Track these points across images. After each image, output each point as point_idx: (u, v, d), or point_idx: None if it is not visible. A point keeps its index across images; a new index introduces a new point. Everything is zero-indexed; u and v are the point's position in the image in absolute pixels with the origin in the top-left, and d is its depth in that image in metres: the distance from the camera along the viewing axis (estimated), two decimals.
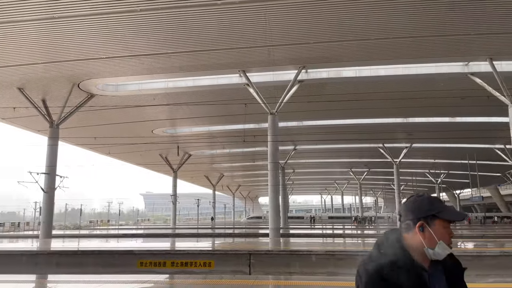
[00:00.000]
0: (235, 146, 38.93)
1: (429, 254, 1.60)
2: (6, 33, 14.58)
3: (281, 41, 16.06)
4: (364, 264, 1.63)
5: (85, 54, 16.83)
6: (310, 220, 61.41)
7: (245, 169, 56.45)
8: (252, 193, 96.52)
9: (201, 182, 66.79)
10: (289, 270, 12.19)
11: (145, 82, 21.48)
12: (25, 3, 12.59)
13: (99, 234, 33.15)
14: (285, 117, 24.79)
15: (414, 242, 1.62)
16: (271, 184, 20.75)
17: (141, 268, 12.56)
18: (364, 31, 15.25)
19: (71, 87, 20.08)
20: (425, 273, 1.59)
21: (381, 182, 69.17)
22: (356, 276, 1.64)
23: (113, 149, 35.70)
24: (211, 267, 12.51)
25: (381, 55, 17.75)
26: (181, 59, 17.70)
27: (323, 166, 55.15)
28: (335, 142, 37.19)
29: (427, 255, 1.61)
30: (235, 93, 22.05)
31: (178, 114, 27.57)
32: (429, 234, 1.60)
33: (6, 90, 20.32)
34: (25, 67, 17.80)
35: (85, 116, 24.55)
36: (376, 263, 1.60)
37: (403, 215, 1.69)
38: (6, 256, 14.05)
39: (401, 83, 21.12)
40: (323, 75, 20.58)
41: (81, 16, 13.54)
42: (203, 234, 31.94)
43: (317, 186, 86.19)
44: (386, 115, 28.69)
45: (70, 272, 12.47)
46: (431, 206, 1.64)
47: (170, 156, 41.97)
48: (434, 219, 1.62)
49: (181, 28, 14.64)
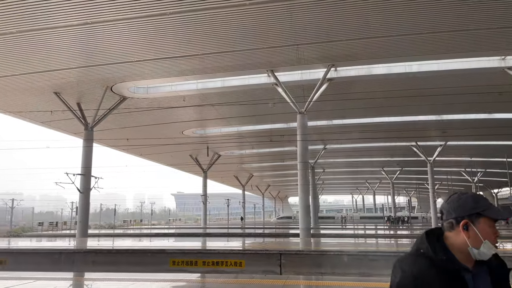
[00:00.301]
0: (264, 146, 38.95)
1: (474, 254, 1.53)
2: (42, 40, 15.15)
3: (310, 39, 15.91)
4: (400, 262, 1.59)
5: (117, 58, 17.27)
6: (341, 220, 60.60)
7: (275, 169, 56.40)
8: (281, 193, 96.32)
9: (231, 182, 67.25)
10: (320, 270, 12.06)
11: (175, 84, 21.82)
12: (60, 10, 13.03)
13: (133, 233, 33.94)
14: (314, 116, 24.58)
15: (457, 241, 1.56)
16: (301, 184, 20.61)
17: (173, 267, 12.75)
18: (395, 27, 14.89)
19: (104, 90, 20.67)
20: (468, 274, 1.52)
21: (414, 182, 67.48)
22: (391, 275, 1.59)
23: (144, 150, 36.49)
24: (242, 266, 12.54)
25: (413, 51, 17.27)
26: (210, 60, 17.85)
27: (353, 166, 54.34)
28: (366, 141, 36.53)
29: (472, 255, 1.53)
30: (263, 93, 22.05)
31: (207, 115, 27.85)
32: (474, 233, 1.53)
33: (43, 95, 21.13)
34: (60, 72, 18.44)
35: (118, 118, 25.22)
36: (413, 262, 1.55)
37: (445, 214, 1.62)
38: (45, 254, 14.61)
39: (435, 79, 20.49)
40: (352, 73, 20.23)
41: (113, 21, 13.89)
42: (234, 234, 32.12)
43: (348, 185, 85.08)
44: (419, 113, 27.94)
45: (105, 270, 12.81)
46: (476, 204, 1.57)
47: (200, 157, 42.48)
48: (479, 217, 1.55)
49: (210, 29, 14.76)
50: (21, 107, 22.67)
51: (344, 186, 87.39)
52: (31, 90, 20.39)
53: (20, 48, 15.71)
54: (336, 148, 40.05)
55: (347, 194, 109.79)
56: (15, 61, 17.00)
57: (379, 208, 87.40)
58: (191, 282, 9.35)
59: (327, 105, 23.08)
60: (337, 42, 16.17)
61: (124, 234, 33.23)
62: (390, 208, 71.15)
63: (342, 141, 37.16)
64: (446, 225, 1.61)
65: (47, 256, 14.46)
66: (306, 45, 16.34)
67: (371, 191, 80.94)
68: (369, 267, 11.24)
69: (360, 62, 18.94)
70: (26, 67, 17.66)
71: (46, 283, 8.72)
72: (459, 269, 1.51)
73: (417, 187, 73.62)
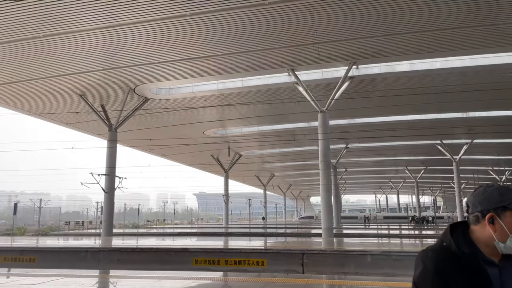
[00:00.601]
0: (285, 145, 38.83)
1: (500, 248, 1.49)
2: (67, 43, 15.53)
3: (330, 37, 15.77)
4: (422, 255, 1.56)
5: (139, 59, 17.54)
6: (364, 220, 59.83)
7: (296, 168, 56.17)
8: (303, 192, 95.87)
9: (252, 182, 67.37)
10: (343, 270, 11.94)
11: (196, 84, 22.00)
12: (84, 15, 13.33)
13: (156, 232, 34.41)
14: (336, 114, 24.36)
15: (483, 235, 1.52)
16: (323, 183, 20.45)
17: (196, 266, 12.87)
18: (418, 23, 14.59)
19: (127, 92, 21.03)
20: (494, 268, 1.48)
21: (439, 181, 66.01)
22: (414, 267, 1.57)
23: (167, 150, 36.94)
24: (264, 266, 12.55)
25: (437, 47, 16.89)
26: (231, 61, 17.93)
27: (376, 165, 53.57)
28: (389, 140, 36.00)
29: (498, 249, 1.49)
30: (284, 92, 22.00)
31: (228, 115, 27.99)
32: (500, 227, 1.48)
33: (68, 97, 21.67)
34: (85, 74, 18.87)
35: (141, 119, 25.63)
36: (435, 256, 1.52)
37: (471, 207, 1.58)
38: (72, 253, 14.99)
39: (460, 75, 20.00)
40: (375, 70, 19.94)
41: (134, 23, 14.11)
42: (255, 234, 32.16)
43: (370, 185, 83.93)
44: (443, 110, 27.33)
45: (130, 268, 13.04)
46: (502, 197, 1.52)
47: (221, 157, 42.71)
48: (505, 210, 1.50)
49: (229, 30, 14.82)
50: (47, 109, 23.32)
51: (367, 186, 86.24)
52: (56, 92, 20.95)
53: (46, 51, 16.16)
54: (358, 147, 39.58)
55: (370, 193, 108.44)
56: (41, 65, 17.50)
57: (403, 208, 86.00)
58: (214, 280, 9.41)
59: (349, 104, 22.83)
60: (358, 39, 15.96)
61: (148, 233, 33.74)
62: (415, 208, 69.83)
63: (364, 140, 36.69)
64: (472, 218, 1.57)
65: (73, 254, 14.84)
66: (327, 43, 16.21)
67: (395, 190, 79.63)
68: (393, 267, 11.06)
69: (382, 59, 18.65)
70: (52, 70, 18.15)
71: (73, 280, 8.94)
72: (482, 263, 1.47)
73: (443, 187, 72.01)
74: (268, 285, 8.51)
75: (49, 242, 19.44)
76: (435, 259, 1.51)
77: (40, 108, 23.39)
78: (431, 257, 1.52)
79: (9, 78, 18.80)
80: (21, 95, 21.08)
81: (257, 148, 42.15)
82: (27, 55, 16.45)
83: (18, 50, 15.85)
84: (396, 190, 78.85)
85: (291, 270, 12.06)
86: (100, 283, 9.22)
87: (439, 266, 1.48)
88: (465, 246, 1.51)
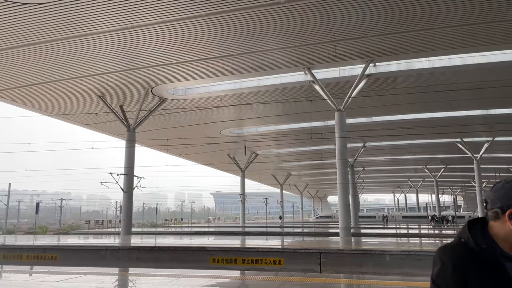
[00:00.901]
0: (302, 144, 38.68)
1: None
2: (86, 45, 15.80)
3: (347, 35, 15.63)
4: (440, 252, 1.54)
5: (156, 60, 17.73)
6: (383, 220, 59.12)
7: (313, 167, 55.90)
8: (320, 192, 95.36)
9: (269, 181, 67.33)
10: (361, 269, 11.84)
11: (212, 84, 22.11)
12: (102, 17, 13.54)
13: (174, 231, 34.73)
14: (353, 113, 24.15)
15: (502, 231, 1.49)
16: (340, 183, 20.30)
17: (213, 265, 12.95)
18: (437, 19, 14.33)
19: (145, 92, 21.29)
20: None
21: (460, 179, 64.80)
22: (432, 264, 1.55)
23: (184, 150, 37.25)
24: (281, 265, 12.54)
25: (456, 44, 16.56)
26: (247, 60, 17.95)
27: (395, 163, 52.90)
28: (407, 138, 35.44)
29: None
30: (300, 91, 21.91)
31: (244, 114, 28.04)
32: None
33: (88, 98, 22.06)
34: (103, 76, 19.18)
35: (158, 119, 25.90)
36: (453, 251, 1.50)
37: (490, 202, 1.55)
38: (92, 251, 15.26)
39: (480, 72, 19.57)
40: (392, 67, 19.69)
41: (151, 25, 14.26)
42: (272, 233, 32.13)
43: (389, 184, 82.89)
44: (463, 107, 26.79)
45: (148, 266, 13.20)
46: None
47: (238, 156, 42.82)
48: None
49: (245, 29, 14.84)
50: (67, 110, 23.78)
51: (385, 185, 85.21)
52: (76, 93, 21.34)
53: (66, 54, 16.48)
54: (376, 145, 39.16)
55: (388, 193, 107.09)
56: (62, 67, 17.85)
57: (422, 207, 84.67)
58: (231, 278, 9.45)
59: (367, 102, 22.61)
60: (376, 36, 15.77)
61: (166, 232, 34.08)
62: (434, 207, 68.68)
63: (382, 139, 36.27)
64: (491, 214, 1.53)
65: (94, 252, 15.11)
66: (343, 41, 16.08)
67: (414, 189, 78.49)
68: (412, 267, 10.91)
69: (400, 56, 18.39)
70: (72, 72, 18.50)
71: (94, 278, 9.10)
72: (500, 258, 1.45)
73: (463, 185, 70.67)
74: (286, 284, 8.49)
75: (70, 240, 19.83)
76: (453, 256, 1.49)
77: (60, 109, 23.87)
78: (449, 254, 1.50)
79: (31, 80, 19.24)
80: (42, 96, 21.56)
81: (273, 147, 42.10)
82: (48, 57, 16.80)
83: (39, 52, 16.21)
84: (415, 189, 77.71)
85: (309, 270, 12.02)
86: (119, 281, 9.36)
87: (457, 263, 1.46)
88: (483, 241, 1.48)
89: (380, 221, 58.91)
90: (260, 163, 45.61)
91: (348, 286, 8.37)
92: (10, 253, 15.73)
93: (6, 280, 9.54)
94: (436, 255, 1.54)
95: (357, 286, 8.34)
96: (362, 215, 68.15)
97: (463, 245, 1.51)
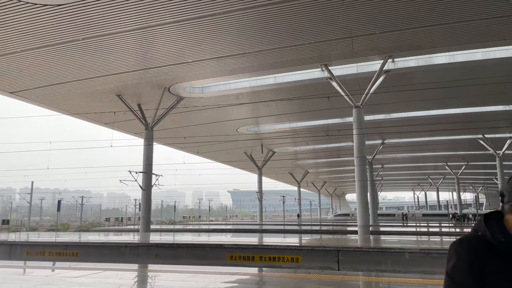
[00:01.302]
0: (319, 142, 38.45)
1: None
2: (104, 45, 16.04)
3: (365, 30, 15.42)
4: (456, 245, 1.49)
5: (173, 59, 17.86)
6: (402, 218, 58.33)
7: (331, 165, 55.49)
8: (338, 189, 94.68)
9: (286, 179, 67.17)
10: (380, 268, 11.71)
11: (228, 82, 22.17)
12: (119, 17, 13.70)
13: (192, 229, 35.01)
14: (371, 110, 23.87)
15: None
16: (359, 180, 20.10)
17: (230, 262, 12.99)
18: (457, 13, 14.01)
19: (162, 91, 21.49)
20: None
21: (482, 177, 63.38)
22: (447, 258, 1.50)
23: (201, 148, 37.48)
24: (299, 262, 12.49)
25: (477, 38, 16.15)
26: (263, 57, 17.91)
27: (415, 161, 52.09)
28: (427, 134, 34.88)
29: None
30: (317, 88, 21.76)
31: (261, 112, 28.02)
32: None
33: (106, 97, 22.39)
34: (121, 75, 19.43)
35: (175, 118, 26.11)
36: (470, 245, 1.45)
37: (506, 195, 1.49)
38: (112, 248, 15.51)
39: (502, 66, 19.06)
40: (411, 63, 19.36)
41: (168, 24, 14.36)
42: (290, 231, 32.06)
43: (408, 182, 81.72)
44: (485, 103, 26.16)
45: (167, 262, 13.34)
46: None
47: (255, 154, 42.84)
48: None
49: (261, 26, 14.80)
50: (86, 109, 24.19)
51: (405, 182, 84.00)
52: (95, 93, 21.69)
53: (85, 54, 16.75)
54: (395, 142, 38.62)
55: (408, 190, 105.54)
56: (81, 66, 18.16)
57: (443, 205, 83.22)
58: (249, 275, 9.46)
59: (385, 98, 22.29)
60: (394, 32, 15.53)
61: (184, 229, 34.39)
62: (455, 205, 67.41)
63: (401, 135, 35.74)
64: (507, 207, 1.48)
65: (114, 249, 15.35)
66: (361, 36, 15.88)
67: (434, 187, 77.17)
68: (432, 265, 10.72)
69: (419, 52, 18.06)
70: (90, 71, 18.80)
71: (114, 273, 9.24)
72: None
73: (485, 183, 69.11)
74: (303, 281, 8.46)
75: (90, 237, 20.20)
76: (470, 249, 1.44)
77: (80, 109, 24.31)
78: (465, 247, 1.46)
79: (51, 80, 19.65)
80: (62, 96, 21.99)
81: (290, 145, 41.98)
82: (68, 58, 17.11)
83: (59, 53, 16.53)
84: (435, 187, 76.40)
85: (326, 267, 11.95)
86: (139, 277, 9.49)
87: (474, 256, 1.42)
88: (501, 235, 1.43)
89: (399, 219, 58.14)
90: (277, 161, 45.53)
91: (366, 284, 8.28)
92: (33, 250, 16.13)
93: (29, 275, 9.78)
94: (452, 249, 1.50)
95: (376, 284, 8.24)
96: (381, 213, 67.37)
97: (479, 238, 1.47)
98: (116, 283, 7.97)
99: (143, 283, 8.80)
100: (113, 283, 7.94)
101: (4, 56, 16.60)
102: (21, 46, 15.68)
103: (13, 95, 21.33)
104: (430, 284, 7.56)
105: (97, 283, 7.93)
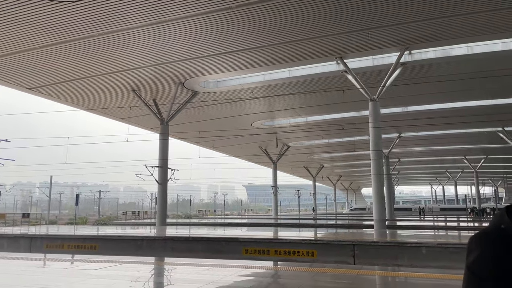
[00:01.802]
0: (335, 135, 38.16)
1: None
2: (120, 41, 16.17)
3: (381, 22, 15.17)
4: (478, 239, 1.42)
5: (187, 54, 17.91)
6: (419, 212, 57.62)
7: (346, 159, 55.09)
8: (354, 184, 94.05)
9: (301, 173, 66.98)
10: (396, 262, 11.59)
11: (243, 76, 22.13)
12: (135, 12, 13.77)
13: (207, 222, 35.24)
14: (387, 103, 23.55)
15: None
16: (374, 174, 19.90)
17: (246, 255, 13.03)
18: (475, 3, 13.67)
19: (177, 86, 21.59)
20: None
21: (501, 170, 62.10)
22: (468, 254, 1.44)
23: (216, 142, 37.61)
24: (314, 256, 12.46)
25: (496, 29, 15.74)
26: (278, 51, 17.80)
27: (432, 154, 51.31)
28: (445, 127, 34.26)
29: None
30: (332, 81, 21.55)
31: (276, 106, 27.93)
32: None
33: (122, 92, 22.62)
34: (137, 70, 19.59)
35: (190, 112, 26.22)
36: (494, 239, 1.39)
37: None
38: (129, 241, 15.72)
39: None
40: (429, 55, 19.00)
41: (181, 18, 14.39)
42: (305, 225, 32.01)
43: (426, 175, 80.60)
44: (505, 95, 25.52)
45: (183, 256, 13.46)
46: None
47: (269, 148, 42.79)
48: None
49: (276, 19, 14.70)
50: (103, 104, 24.49)
51: (422, 176, 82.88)
52: (111, 88, 21.93)
53: (101, 49, 16.93)
54: (412, 136, 38.08)
55: (425, 184, 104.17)
56: (97, 62, 18.37)
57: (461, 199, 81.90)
58: (264, 269, 9.48)
59: (401, 91, 21.96)
60: (411, 23, 15.25)
61: (200, 223, 34.63)
62: (474, 199, 66.27)
63: (418, 129, 35.19)
64: None
65: (131, 242, 15.57)
66: (377, 28, 15.63)
67: (452, 181, 75.93)
68: (450, 260, 10.57)
69: (437, 43, 17.70)
70: (106, 67, 19.01)
71: (131, 266, 9.37)
72: None
73: (505, 176, 67.69)
74: (318, 275, 8.43)
75: (108, 231, 20.52)
76: (496, 243, 1.38)
77: (96, 104, 24.61)
78: (490, 241, 1.40)
79: (68, 76, 19.93)
80: (79, 92, 22.29)
81: (305, 139, 41.78)
82: (84, 54, 17.32)
83: (76, 49, 16.74)
84: (453, 181, 75.20)
85: (342, 261, 11.89)
86: (155, 270, 9.60)
87: (501, 250, 1.36)
88: None
89: (416, 214, 57.47)
90: (292, 155, 45.40)
91: (382, 278, 8.20)
92: (53, 243, 16.48)
93: (49, 267, 9.99)
94: (473, 242, 1.44)
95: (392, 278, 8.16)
96: (398, 207, 66.67)
97: (502, 231, 1.41)
98: (134, 275, 8.07)
99: (159, 275, 8.90)
100: (131, 275, 8.05)
101: (22, 52, 16.90)
102: (39, 42, 15.93)
103: (31, 91, 21.72)
104: (448, 278, 7.45)
105: (114, 276, 8.05)
